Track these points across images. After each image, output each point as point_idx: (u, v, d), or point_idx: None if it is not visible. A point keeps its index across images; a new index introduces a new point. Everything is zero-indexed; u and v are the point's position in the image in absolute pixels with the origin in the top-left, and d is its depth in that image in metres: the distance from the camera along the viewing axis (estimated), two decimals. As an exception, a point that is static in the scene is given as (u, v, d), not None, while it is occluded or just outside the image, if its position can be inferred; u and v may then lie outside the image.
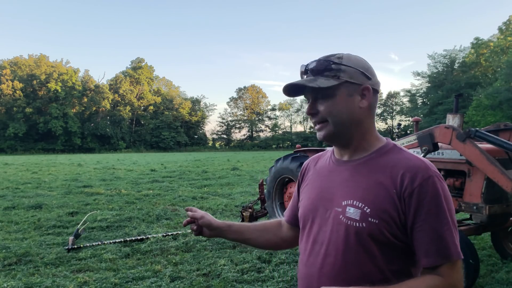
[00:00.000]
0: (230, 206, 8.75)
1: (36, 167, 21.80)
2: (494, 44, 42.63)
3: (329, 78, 1.12)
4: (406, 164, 1.09)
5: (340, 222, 1.12)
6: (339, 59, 1.14)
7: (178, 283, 4.11)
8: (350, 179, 1.15)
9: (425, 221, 1.04)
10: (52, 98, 61.49)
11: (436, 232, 1.04)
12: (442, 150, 4.42)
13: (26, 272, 4.42)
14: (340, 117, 1.13)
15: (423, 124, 35.13)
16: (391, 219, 1.06)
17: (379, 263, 1.09)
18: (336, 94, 1.12)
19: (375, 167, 1.13)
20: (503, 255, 4.86)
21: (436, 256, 1.04)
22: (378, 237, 1.07)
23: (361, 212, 1.08)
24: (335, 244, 1.12)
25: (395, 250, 1.09)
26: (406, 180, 1.06)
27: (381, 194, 1.08)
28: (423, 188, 1.05)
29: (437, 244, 1.04)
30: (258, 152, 55.08)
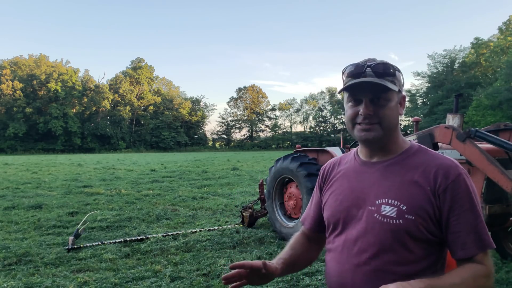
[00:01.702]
0: (230, 206, 8.75)
1: (36, 167, 21.80)
2: (494, 44, 42.63)
3: (392, 83, 1.19)
4: (437, 163, 1.17)
5: (376, 220, 1.17)
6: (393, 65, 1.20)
7: (178, 283, 4.10)
8: (383, 179, 1.20)
9: (460, 216, 1.12)
10: (52, 98, 61.49)
11: (471, 225, 1.12)
12: (442, 150, 4.42)
13: (26, 272, 4.42)
14: (391, 122, 1.20)
15: (423, 124, 35.14)
16: (427, 215, 1.13)
17: (415, 257, 1.14)
18: (392, 100, 1.19)
19: (406, 167, 1.19)
20: (503, 255, 4.86)
21: (474, 247, 1.11)
22: (414, 233, 1.12)
23: (397, 210, 1.13)
24: (370, 241, 1.17)
25: (429, 245, 1.15)
26: (440, 177, 1.14)
27: (416, 192, 1.14)
28: (456, 184, 1.13)
29: (474, 236, 1.12)
30: (258, 152, 55.08)
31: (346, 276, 1.21)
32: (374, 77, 1.17)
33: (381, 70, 1.18)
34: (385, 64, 1.20)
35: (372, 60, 1.22)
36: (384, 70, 1.18)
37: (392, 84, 1.18)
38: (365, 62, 1.21)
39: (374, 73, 1.18)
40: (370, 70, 1.18)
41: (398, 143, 1.25)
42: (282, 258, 1.37)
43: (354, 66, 1.21)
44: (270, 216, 6.34)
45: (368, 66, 1.19)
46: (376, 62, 1.21)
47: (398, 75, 1.21)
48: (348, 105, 1.24)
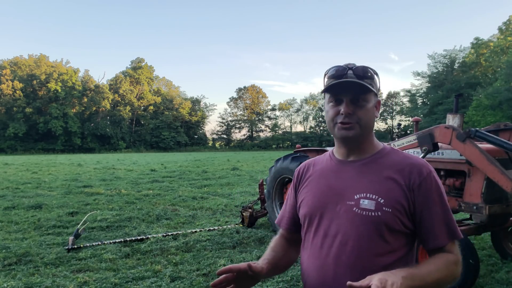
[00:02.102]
0: (230, 206, 8.75)
1: (36, 167, 21.80)
2: (494, 44, 42.62)
3: (370, 85, 1.27)
4: (409, 162, 1.27)
5: (355, 214, 1.24)
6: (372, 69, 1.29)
7: (178, 283, 4.10)
8: (360, 176, 1.28)
9: (432, 209, 1.23)
10: (52, 98, 61.48)
11: (442, 218, 1.24)
12: (442, 150, 4.42)
13: (26, 272, 4.42)
14: (368, 123, 1.29)
15: (423, 124, 35.12)
16: (402, 208, 1.22)
17: (391, 248, 1.23)
18: (370, 101, 1.28)
19: (382, 165, 1.28)
20: (503, 255, 4.86)
21: (445, 237, 1.24)
22: (391, 224, 1.21)
23: (376, 203, 1.21)
24: (351, 234, 1.23)
25: (404, 236, 1.25)
26: (414, 174, 1.23)
27: (393, 187, 1.23)
28: (427, 181, 1.23)
29: (444, 227, 1.24)
30: (258, 152, 55.07)
31: (327, 270, 1.25)
32: (355, 79, 1.25)
33: (361, 73, 1.26)
34: (364, 67, 1.28)
35: (352, 64, 1.30)
36: (364, 73, 1.26)
37: (371, 87, 1.26)
38: (347, 65, 1.29)
39: (355, 75, 1.26)
40: (351, 73, 1.26)
41: (373, 143, 1.34)
42: (266, 259, 1.39)
43: (336, 69, 1.29)
44: (270, 216, 6.34)
45: (349, 69, 1.27)
46: (356, 65, 1.29)
47: (375, 79, 1.30)
48: (329, 105, 1.30)
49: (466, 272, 3.71)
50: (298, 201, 1.42)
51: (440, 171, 4.60)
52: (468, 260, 3.70)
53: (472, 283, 3.77)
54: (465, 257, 3.69)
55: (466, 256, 3.72)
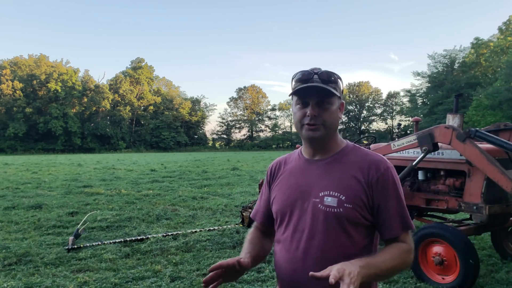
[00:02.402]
0: (230, 206, 8.75)
1: (36, 167, 21.80)
2: (494, 44, 42.60)
3: (334, 89, 1.35)
4: (369, 159, 1.36)
5: (319, 211, 1.33)
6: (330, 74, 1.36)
7: (178, 283, 4.11)
8: (324, 174, 1.38)
9: (388, 203, 1.33)
10: (52, 98, 61.47)
11: (396, 211, 1.33)
12: (442, 150, 4.42)
13: (26, 272, 4.42)
14: (332, 124, 1.37)
15: (423, 124, 35.09)
16: (362, 203, 1.32)
17: (353, 240, 1.33)
18: (334, 104, 1.37)
19: (344, 163, 1.38)
20: (503, 255, 4.86)
21: (399, 228, 1.33)
22: (353, 218, 1.31)
23: (338, 200, 1.31)
24: (317, 229, 1.33)
25: (364, 228, 1.35)
26: (372, 171, 1.33)
27: (354, 184, 1.32)
28: (384, 176, 1.33)
29: (399, 219, 1.33)
30: (258, 152, 55.06)
31: (297, 262, 1.34)
32: (320, 83, 1.33)
33: (326, 78, 1.34)
34: (329, 72, 1.36)
35: (318, 68, 1.38)
36: (328, 78, 1.35)
37: (335, 90, 1.34)
38: (312, 70, 1.36)
39: (320, 79, 1.34)
40: (317, 77, 1.34)
41: (337, 142, 1.43)
42: (248, 252, 1.46)
43: (302, 73, 1.37)
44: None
45: (315, 73, 1.35)
46: (322, 70, 1.37)
47: (339, 83, 1.38)
48: (297, 107, 1.39)
49: (466, 272, 3.71)
50: (271, 197, 1.51)
51: (440, 171, 4.60)
52: (468, 260, 3.70)
53: (472, 283, 3.77)
54: (465, 257, 3.71)
55: (466, 256, 3.72)
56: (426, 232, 4.08)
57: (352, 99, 74.74)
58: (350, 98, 74.79)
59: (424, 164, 4.52)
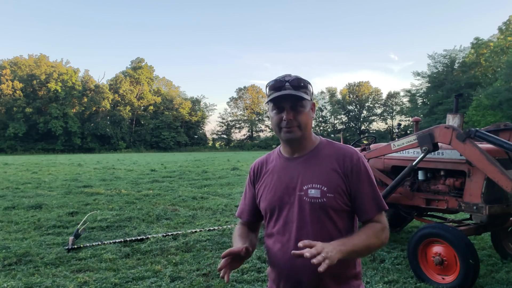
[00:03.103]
0: (230, 206, 8.75)
1: (36, 167, 21.79)
2: (494, 44, 42.60)
3: (306, 93, 1.51)
4: (343, 152, 1.53)
5: (305, 202, 1.48)
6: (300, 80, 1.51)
7: (178, 283, 4.11)
8: (305, 169, 1.52)
9: (363, 188, 1.49)
10: (52, 98, 61.48)
11: (370, 195, 1.50)
12: (442, 150, 4.42)
13: (26, 272, 4.42)
14: (308, 125, 1.53)
15: (423, 124, 35.10)
16: (342, 191, 1.48)
17: (337, 225, 1.49)
18: (306, 107, 1.52)
19: (321, 158, 1.53)
20: (503, 255, 4.86)
21: (373, 210, 1.49)
22: (335, 206, 1.47)
23: (321, 191, 1.46)
24: (305, 219, 1.48)
25: (345, 213, 1.51)
26: (347, 162, 1.49)
27: (333, 175, 1.48)
28: (357, 165, 1.49)
29: (372, 202, 1.49)
30: (258, 152, 55.05)
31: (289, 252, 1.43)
32: (292, 90, 1.47)
33: (297, 84, 1.49)
34: (299, 79, 1.51)
35: (288, 76, 1.52)
36: (298, 84, 1.49)
37: (305, 95, 1.49)
38: (284, 78, 1.51)
39: (292, 86, 1.48)
40: (288, 84, 1.49)
41: (311, 140, 1.58)
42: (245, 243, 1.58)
43: (275, 81, 1.51)
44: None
45: (286, 81, 1.49)
46: (292, 77, 1.51)
47: (309, 87, 1.53)
48: (273, 112, 1.53)
49: (466, 272, 3.71)
50: (258, 195, 1.64)
51: (440, 171, 4.60)
52: (468, 260, 3.70)
53: (472, 283, 3.77)
54: (465, 257, 3.71)
55: (466, 256, 3.72)
56: (426, 232, 4.08)
57: (352, 99, 74.73)
58: (350, 98, 74.78)
59: (424, 164, 4.52)
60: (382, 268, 4.50)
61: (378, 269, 4.48)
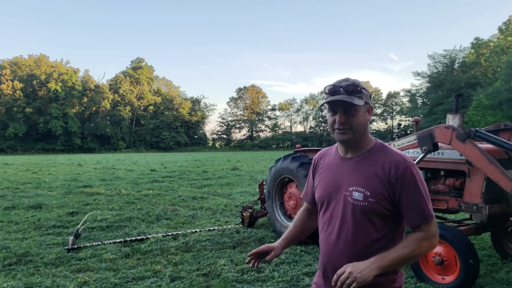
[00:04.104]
0: (230, 206, 8.75)
1: (36, 167, 21.80)
2: (494, 44, 42.61)
3: (359, 98, 1.58)
4: (390, 159, 1.57)
5: (348, 202, 1.59)
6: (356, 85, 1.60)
7: (178, 283, 4.11)
8: (354, 171, 1.61)
9: (407, 197, 1.53)
10: (52, 98, 61.47)
11: (414, 203, 1.53)
12: (442, 150, 4.42)
13: (26, 272, 4.42)
14: (360, 128, 1.60)
15: (423, 124, 35.10)
16: (384, 198, 1.54)
17: (377, 228, 1.57)
18: (360, 111, 1.59)
19: (370, 162, 1.60)
20: (503, 255, 4.86)
21: (417, 218, 1.54)
22: (376, 210, 1.55)
23: (364, 195, 1.55)
24: (347, 217, 1.59)
25: (387, 218, 1.57)
26: (392, 170, 1.54)
27: (377, 182, 1.55)
28: (403, 175, 1.53)
29: (416, 210, 1.53)
30: (258, 152, 55.07)
31: (331, 243, 1.64)
32: (345, 95, 1.56)
33: (351, 89, 1.57)
34: (354, 85, 1.59)
35: (345, 81, 1.60)
36: (353, 89, 1.58)
37: (359, 100, 1.57)
38: (340, 83, 1.60)
39: (345, 91, 1.57)
40: (342, 89, 1.58)
41: (366, 142, 1.65)
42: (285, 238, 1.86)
43: (331, 86, 1.62)
44: (270, 216, 6.34)
45: (340, 87, 1.59)
46: (348, 83, 1.59)
47: (364, 92, 1.61)
48: (328, 114, 1.64)
49: (466, 272, 3.72)
50: (315, 185, 1.80)
51: (440, 171, 4.60)
52: (468, 260, 3.70)
53: (472, 283, 3.77)
54: (465, 257, 3.71)
55: (466, 256, 3.72)
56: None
57: (352, 99, 74.66)
58: (350, 98, 74.70)
59: (424, 164, 4.52)
60: (382, 268, 4.49)
61: (378, 269, 4.47)
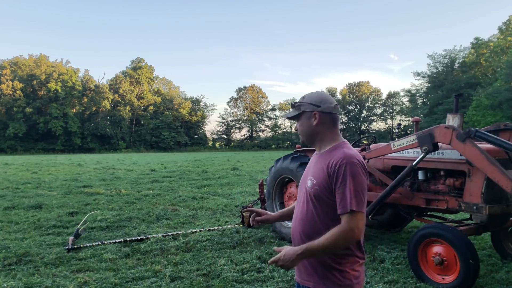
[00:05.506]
0: (230, 206, 8.75)
1: (36, 167, 21.80)
2: (494, 44, 42.59)
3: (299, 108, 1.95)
4: (336, 156, 1.81)
5: (304, 189, 1.92)
6: (302, 98, 1.97)
7: (178, 283, 4.11)
8: (314, 165, 1.93)
9: (338, 187, 1.76)
10: (52, 98, 61.48)
11: (342, 193, 1.74)
12: (442, 150, 4.42)
13: (26, 272, 4.42)
14: (304, 132, 1.95)
15: (423, 124, 35.09)
16: (323, 186, 1.81)
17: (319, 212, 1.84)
18: (301, 119, 1.94)
19: (324, 158, 1.87)
20: (503, 255, 4.86)
21: (340, 207, 1.74)
22: (318, 196, 1.83)
23: (312, 183, 1.86)
24: (301, 201, 1.93)
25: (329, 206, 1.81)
26: (333, 164, 1.79)
27: (322, 173, 1.83)
28: (339, 169, 1.76)
29: (341, 200, 1.74)
30: (258, 152, 55.07)
31: (294, 222, 1.98)
32: (290, 110, 2.00)
33: (293, 105, 1.97)
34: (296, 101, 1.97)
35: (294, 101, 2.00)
36: (293, 104, 1.96)
37: (294, 111, 1.95)
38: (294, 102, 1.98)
39: (292, 106, 1.98)
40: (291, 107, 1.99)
41: (326, 142, 1.92)
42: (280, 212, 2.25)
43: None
44: (270, 216, 6.31)
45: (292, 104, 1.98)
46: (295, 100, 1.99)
47: (304, 104, 1.92)
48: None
49: (466, 272, 3.72)
50: None
51: (440, 171, 4.60)
52: (468, 260, 3.70)
53: (472, 283, 3.77)
54: (465, 257, 3.71)
55: (466, 256, 3.72)
56: (426, 232, 4.08)
57: (352, 99, 74.76)
58: (350, 98, 74.80)
59: (424, 164, 4.52)
60: (382, 268, 4.50)
61: (378, 269, 4.48)
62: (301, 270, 1.89)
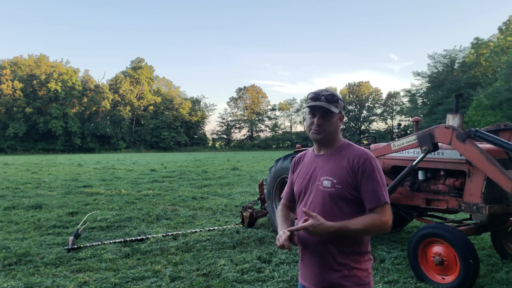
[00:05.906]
0: (230, 206, 8.75)
1: (36, 167, 21.80)
2: (494, 44, 42.58)
3: (335, 107, 1.89)
4: (354, 153, 1.86)
5: (319, 190, 1.87)
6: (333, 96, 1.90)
7: (178, 283, 4.11)
8: (325, 164, 1.91)
9: (365, 182, 1.80)
10: (52, 98, 61.47)
11: (371, 188, 1.78)
12: (442, 150, 4.42)
13: (26, 272, 4.42)
14: (332, 131, 1.91)
15: (423, 124, 35.10)
16: (347, 184, 1.81)
17: (344, 211, 1.82)
18: (335, 117, 1.91)
19: (338, 156, 1.89)
20: (503, 255, 4.86)
21: (372, 201, 1.78)
22: (341, 195, 1.82)
23: (331, 183, 1.83)
24: (318, 203, 1.86)
25: (353, 203, 1.83)
26: (355, 161, 1.83)
27: (342, 171, 1.83)
28: (364, 164, 1.81)
29: (372, 194, 1.78)
30: (258, 152, 55.08)
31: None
32: (325, 102, 1.87)
33: (330, 98, 1.88)
34: (333, 95, 1.90)
35: (326, 91, 1.92)
36: (332, 99, 1.88)
37: (335, 108, 1.88)
38: (321, 92, 1.91)
39: (326, 99, 1.88)
40: (323, 98, 1.88)
41: (335, 141, 1.94)
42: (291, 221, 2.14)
43: (314, 94, 1.92)
44: (270, 216, 6.33)
45: (322, 95, 1.89)
46: (328, 92, 1.91)
47: (340, 102, 1.92)
48: (308, 116, 1.94)
49: (466, 272, 3.71)
50: (294, 181, 2.07)
51: (440, 171, 4.60)
52: (468, 260, 3.70)
53: (472, 283, 3.77)
54: (465, 257, 3.71)
55: (466, 256, 3.72)
56: (426, 232, 4.08)
57: (352, 99, 74.72)
58: (350, 98, 74.76)
59: (424, 164, 4.52)
60: (382, 268, 4.50)
61: (378, 269, 4.48)
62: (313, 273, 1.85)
